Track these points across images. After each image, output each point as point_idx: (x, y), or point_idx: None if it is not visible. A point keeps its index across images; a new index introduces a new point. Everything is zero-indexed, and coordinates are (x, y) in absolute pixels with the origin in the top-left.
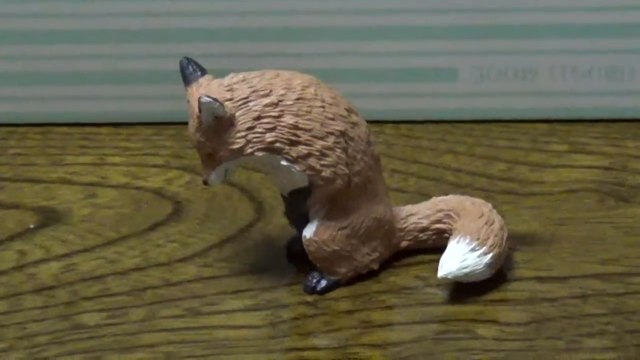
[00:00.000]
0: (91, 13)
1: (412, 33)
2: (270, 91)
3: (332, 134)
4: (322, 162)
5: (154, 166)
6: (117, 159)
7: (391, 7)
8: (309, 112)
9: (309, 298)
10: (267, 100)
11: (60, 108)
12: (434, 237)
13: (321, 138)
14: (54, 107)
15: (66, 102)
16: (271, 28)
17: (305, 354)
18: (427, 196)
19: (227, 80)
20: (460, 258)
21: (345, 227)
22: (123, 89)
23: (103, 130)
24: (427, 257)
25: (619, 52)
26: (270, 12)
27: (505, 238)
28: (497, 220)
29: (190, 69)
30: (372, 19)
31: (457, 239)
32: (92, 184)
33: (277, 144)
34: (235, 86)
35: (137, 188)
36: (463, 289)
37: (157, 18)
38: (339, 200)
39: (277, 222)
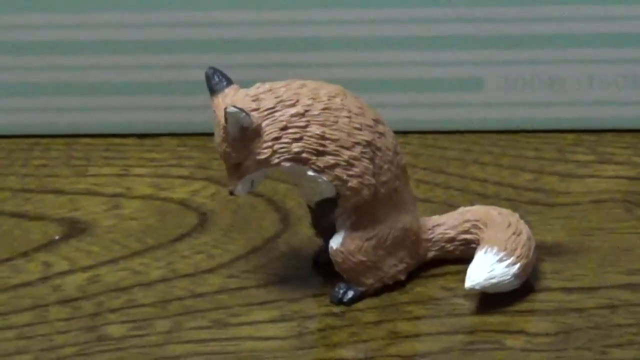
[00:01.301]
0: (116, 24)
1: (438, 43)
2: (297, 101)
3: (358, 144)
4: (349, 173)
5: (179, 177)
6: (141, 170)
7: (417, 17)
8: (335, 122)
9: (336, 309)
10: (293, 111)
11: (85, 119)
12: (461, 247)
13: (348, 148)
14: (78, 118)
15: (90, 113)
16: (297, 38)
17: None
18: (453, 206)
19: (253, 90)
20: (487, 268)
21: (372, 238)
22: (147, 100)
23: (127, 141)
24: (454, 268)
25: None
26: (296, 22)
27: (532, 248)
28: (525, 230)
29: (216, 79)
30: (399, 29)
31: (485, 249)
32: (116, 195)
33: (304, 154)
34: (261, 96)
35: (162, 199)
36: (490, 300)
37: (182, 28)
38: (365, 210)
39: (303, 232)
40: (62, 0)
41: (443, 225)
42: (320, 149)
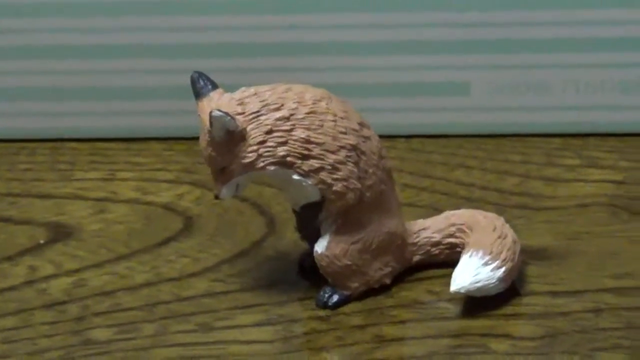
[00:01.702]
0: (102, 28)
1: (424, 47)
2: (282, 105)
3: (344, 147)
4: (334, 176)
5: (165, 181)
6: (127, 174)
7: (403, 22)
8: (320, 126)
9: (321, 313)
10: (278, 114)
11: (70, 123)
12: (446, 251)
13: (333, 152)
14: (64, 123)
15: (76, 117)
16: (282, 43)
17: None
18: (439, 211)
19: (238, 94)
20: (472, 272)
21: (357, 242)
22: (133, 104)
23: (113, 145)
24: (439, 272)
25: (631, 66)
26: (281, 27)
27: (518, 252)
28: (510, 234)
29: (201, 83)
30: (384, 33)
31: (470, 253)
32: (102, 199)
33: (289, 158)
34: (246, 100)
35: (148, 203)
36: (476, 304)
37: (167, 33)
38: (351, 214)
39: (289, 236)
40: (47, 5)
41: (428, 229)
42: (306, 152)
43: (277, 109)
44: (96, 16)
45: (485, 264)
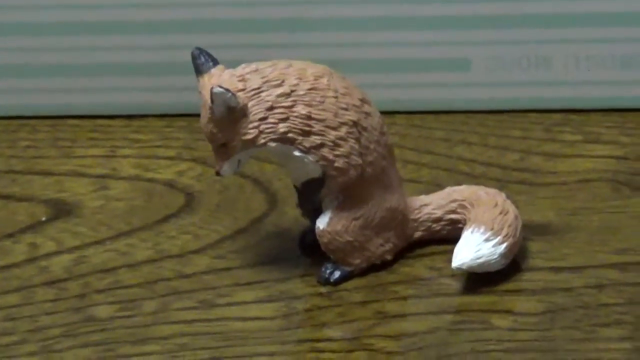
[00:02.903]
0: (101, 4)
1: (424, 23)
2: (283, 81)
3: (345, 124)
4: (335, 153)
5: (166, 158)
6: (128, 151)
7: None
8: (321, 102)
9: (323, 289)
10: (279, 91)
11: (71, 100)
12: (447, 227)
13: (334, 128)
14: (64, 99)
15: (76, 94)
16: (283, 18)
17: (319, 345)
18: (440, 187)
19: (239, 70)
20: (474, 248)
21: (358, 218)
22: (134, 81)
23: (114, 122)
24: (441, 248)
25: (633, 41)
26: (282, 2)
27: (519, 228)
28: (512, 210)
29: (202, 59)
30: (384, 8)
31: (471, 229)
32: (103, 176)
33: (290, 135)
34: (247, 76)
35: (149, 180)
36: (477, 279)
37: (167, 9)
38: (352, 190)
39: (290, 213)
40: None
41: (430, 205)
42: (307, 129)
43: (278, 85)
44: None
45: (487, 239)
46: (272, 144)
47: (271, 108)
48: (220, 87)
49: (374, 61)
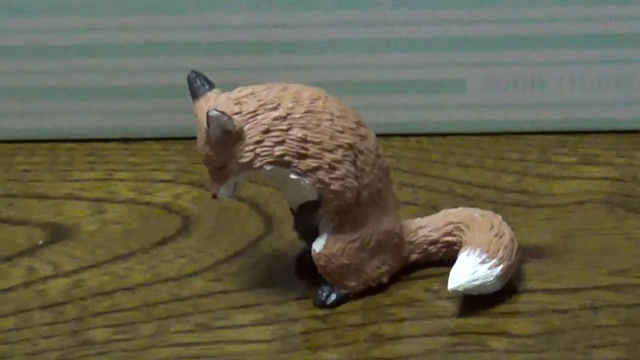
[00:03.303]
0: (98, 27)
1: (419, 45)
2: (279, 104)
3: (341, 146)
4: (331, 175)
5: (162, 181)
6: (124, 175)
7: (398, 19)
8: (317, 125)
9: (319, 312)
10: (275, 114)
11: (68, 123)
12: (443, 249)
13: (330, 151)
14: (61, 123)
15: (73, 117)
16: (278, 41)
17: None
18: (436, 209)
19: (235, 93)
20: (470, 270)
21: (354, 240)
22: (130, 104)
23: (110, 145)
24: (437, 270)
25: (628, 63)
26: (277, 25)
27: (515, 250)
28: (507, 232)
29: (198, 82)
30: (380, 31)
31: (467, 251)
32: (100, 200)
33: (286, 158)
34: (243, 100)
35: (146, 203)
36: (473, 302)
37: (164, 32)
38: (348, 213)
39: (287, 235)
40: (43, 4)
41: (426, 228)
42: (303, 152)
43: (274, 109)
44: (93, 15)
45: (483, 262)
46: (268, 167)
47: (267, 131)
48: (217, 110)
49: (369, 83)
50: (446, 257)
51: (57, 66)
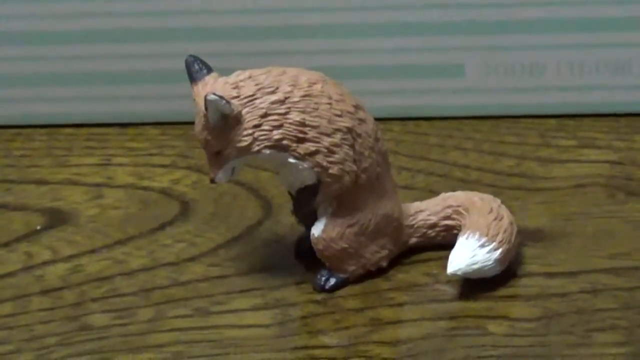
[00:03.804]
0: (96, 13)
1: (418, 29)
2: (277, 88)
3: (339, 130)
4: (330, 159)
5: (161, 166)
6: (123, 160)
7: (397, 4)
8: (315, 109)
9: (318, 296)
10: (273, 98)
11: (66, 109)
12: (442, 233)
13: (328, 135)
14: (59, 108)
15: (71, 102)
16: (276, 26)
17: (315, 352)
18: (435, 193)
19: (233, 78)
20: (469, 254)
21: (353, 225)
22: (128, 89)
23: (109, 130)
24: (436, 254)
25: (626, 46)
26: (276, 10)
27: (514, 233)
28: (506, 215)
29: (196, 67)
30: (378, 15)
31: (466, 235)
32: (98, 185)
33: (284, 141)
34: (241, 84)
35: (144, 188)
36: (473, 285)
37: (161, 17)
38: (347, 197)
39: (285, 220)
40: None
41: (425, 212)
42: (301, 135)
43: (272, 92)
44: (91, 0)
45: (482, 245)
46: (267, 151)
47: (265, 115)
48: (214, 94)
49: (368, 68)
50: (445, 241)
51: (55, 52)
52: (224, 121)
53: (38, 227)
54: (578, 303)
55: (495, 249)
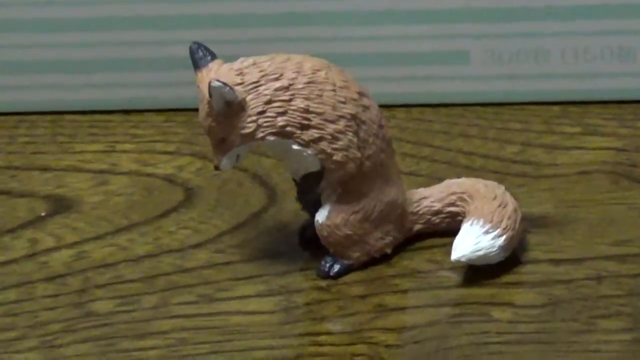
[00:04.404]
0: (101, 0)
1: (423, 16)
2: (281, 75)
3: (343, 117)
4: (334, 146)
5: (165, 153)
6: (127, 146)
7: None
8: (320, 96)
9: (322, 283)
10: (277, 84)
11: (70, 96)
12: (447, 220)
13: (332, 121)
14: (64, 95)
15: (75, 90)
16: (280, 13)
17: (319, 338)
18: (439, 180)
19: (237, 64)
20: (473, 240)
21: (357, 211)
22: (133, 76)
23: (113, 117)
24: (440, 241)
25: (630, 33)
26: None
27: (518, 220)
28: (511, 202)
29: (200, 53)
30: (383, 2)
31: (471, 221)
32: (102, 172)
33: (288, 128)
34: (245, 70)
35: (148, 175)
36: (477, 272)
37: (166, 4)
38: (351, 184)
39: (289, 207)
40: None
41: (429, 198)
42: (305, 122)
43: (276, 79)
44: None
45: (486, 232)
46: (271, 138)
47: (269, 102)
48: (218, 81)
49: (372, 55)
50: (449, 228)
51: (59, 39)
52: (228, 108)
53: (42, 214)
54: (582, 290)
55: (500, 236)
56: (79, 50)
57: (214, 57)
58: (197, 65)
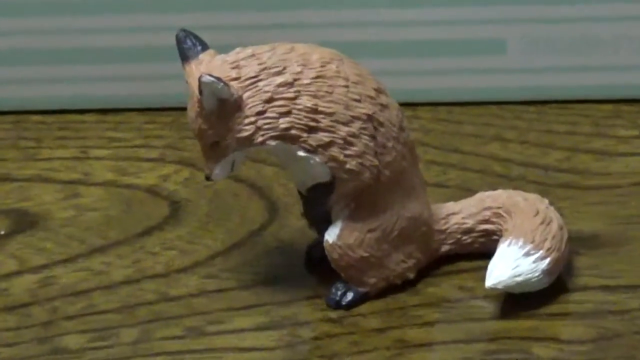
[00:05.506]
0: None
1: None
2: (284, 68)
3: (358, 118)
4: (347, 152)
5: (147, 160)
6: (102, 152)
7: None
8: (330, 93)
9: (333, 314)
10: (280, 79)
11: (35, 93)
12: (480, 239)
13: (345, 123)
14: (28, 92)
15: (42, 85)
16: None
17: None
18: (471, 192)
19: (232, 56)
20: (512, 264)
21: (374, 230)
22: (109, 69)
23: (86, 117)
24: (472, 264)
25: None
26: None
27: (565, 240)
28: (555, 218)
29: (189, 43)
30: None
31: (508, 241)
32: (73, 182)
33: (293, 131)
34: (242, 63)
35: (127, 186)
36: (515, 301)
37: None
38: (366, 197)
39: (294, 224)
40: None
41: (459, 214)
42: (313, 124)
43: (279, 73)
44: None
45: (527, 254)
46: (272, 143)
47: (270, 100)
48: (210, 75)
49: (391, 44)
50: (483, 249)
51: (22, 26)
52: (222, 107)
53: (2, 232)
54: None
55: (543, 258)
56: (45, 39)
57: (205, 47)
58: (185, 56)
